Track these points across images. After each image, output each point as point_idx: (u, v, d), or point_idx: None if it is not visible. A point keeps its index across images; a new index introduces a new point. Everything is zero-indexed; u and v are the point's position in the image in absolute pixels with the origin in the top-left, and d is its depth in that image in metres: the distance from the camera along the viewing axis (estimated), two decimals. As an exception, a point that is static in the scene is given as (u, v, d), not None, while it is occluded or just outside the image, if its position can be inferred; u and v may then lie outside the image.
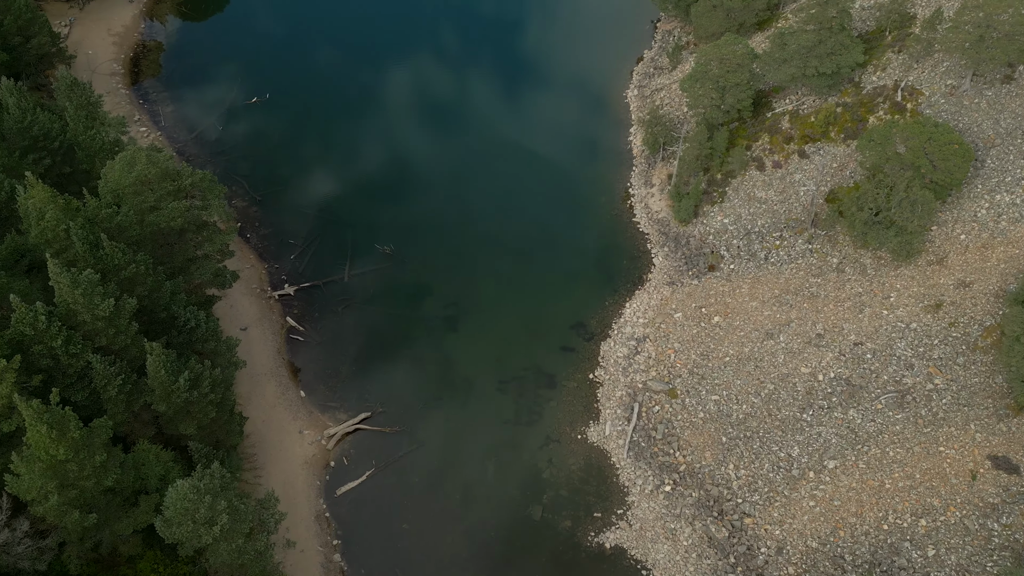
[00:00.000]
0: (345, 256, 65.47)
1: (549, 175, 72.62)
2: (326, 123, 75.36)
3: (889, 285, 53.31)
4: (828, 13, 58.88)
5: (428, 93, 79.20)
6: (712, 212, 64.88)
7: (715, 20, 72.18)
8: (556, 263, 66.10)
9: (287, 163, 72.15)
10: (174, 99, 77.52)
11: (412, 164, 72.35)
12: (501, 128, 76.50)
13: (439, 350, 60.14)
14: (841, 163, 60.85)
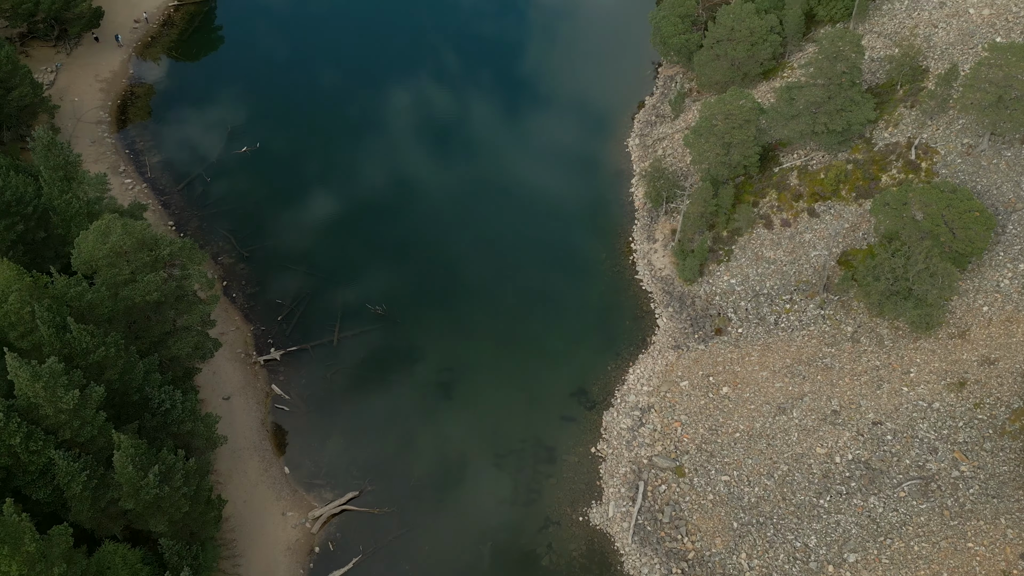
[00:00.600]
0: (335, 317, 62.60)
1: (548, 227, 69.99)
2: (317, 174, 72.88)
3: (908, 359, 50.39)
4: (837, 68, 56.60)
5: (420, 142, 76.82)
6: (718, 271, 62.16)
7: (718, 70, 70.03)
8: (556, 323, 63.19)
9: (276, 217, 69.54)
10: (161, 148, 75.13)
11: (406, 218, 69.68)
12: (497, 177, 74.04)
13: (432, 420, 57.01)
14: (853, 223, 58.23)
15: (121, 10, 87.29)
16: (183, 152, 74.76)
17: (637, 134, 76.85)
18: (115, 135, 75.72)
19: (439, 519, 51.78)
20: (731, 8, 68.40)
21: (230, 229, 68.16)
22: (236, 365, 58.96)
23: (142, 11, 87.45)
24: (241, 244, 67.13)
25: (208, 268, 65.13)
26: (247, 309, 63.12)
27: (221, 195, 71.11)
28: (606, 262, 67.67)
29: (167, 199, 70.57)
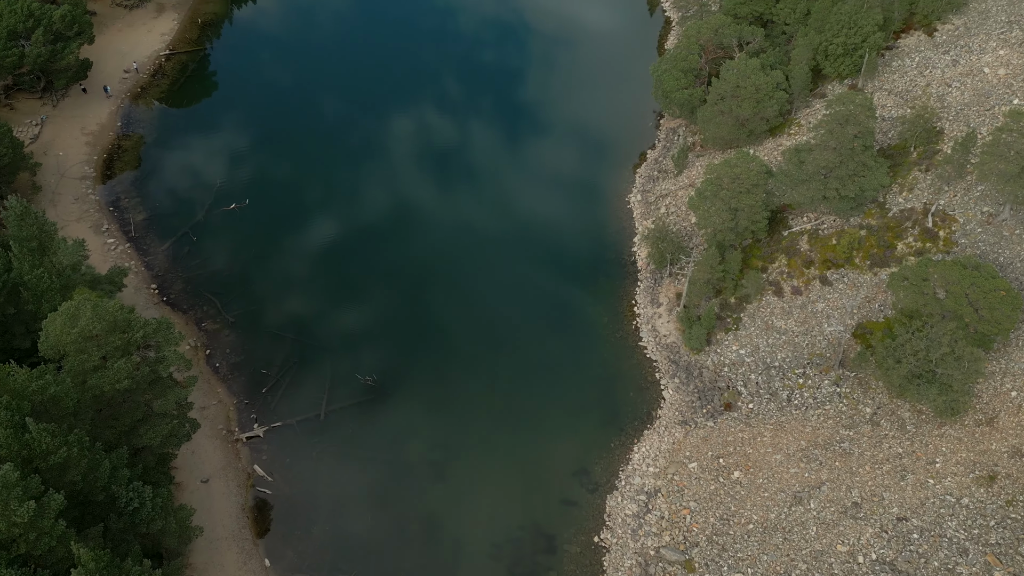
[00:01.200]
0: (322, 388, 59.44)
1: (547, 287, 67.13)
2: (307, 234, 70.12)
3: (933, 447, 47.13)
4: (848, 132, 54.18)
5: (415, 199, 74.11)
6: (726, 341, 59.12)
7: (723, 127, 67.77)
8: (555, 394, 59.93)
9: (264, 278, 66.67)
10: (147, 204, 72.54)
11: (399, 279, 66.81)
12: (493, 233, 71.33)
13: (425, 505, 53.48)
14: (868, 294, 55.34)
15: (111, 60, 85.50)
16: (170, 209, 72.16)
17: (639, 189, 74.36)
18: (100, 191, 73.18)
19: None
20: (735, 64, 66.36)
21: (215, 292, 65.26)
22: (217, 443, 55.60)
23: (132, 61, 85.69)
24: (226, 308, 64.18)
25: (191, 335, 62.36)
26: (230, 380, 59.89)
27: (207, 255, 68.30)
28: (608, 326, 64.65)
29: (151, 259, 67.77)
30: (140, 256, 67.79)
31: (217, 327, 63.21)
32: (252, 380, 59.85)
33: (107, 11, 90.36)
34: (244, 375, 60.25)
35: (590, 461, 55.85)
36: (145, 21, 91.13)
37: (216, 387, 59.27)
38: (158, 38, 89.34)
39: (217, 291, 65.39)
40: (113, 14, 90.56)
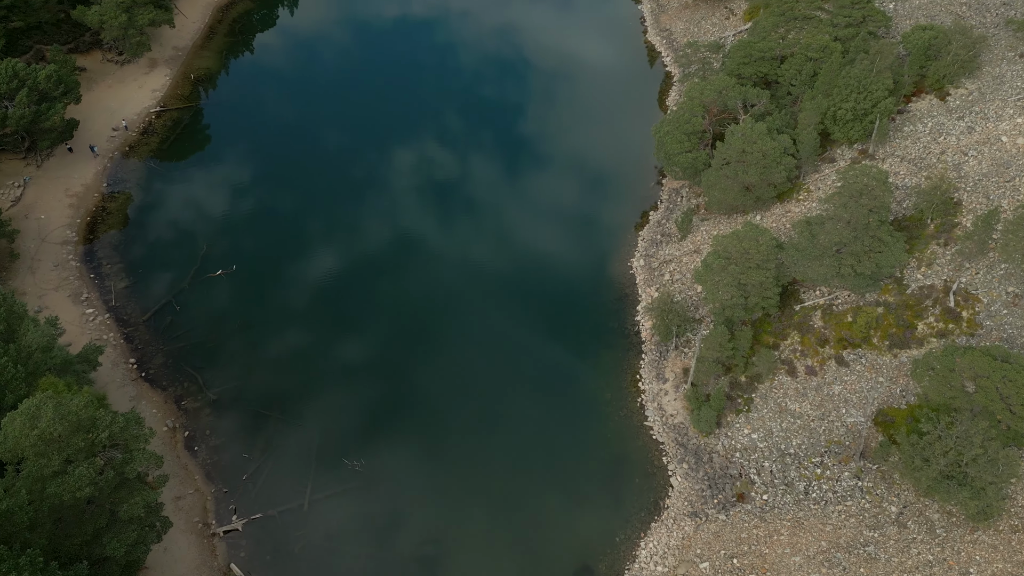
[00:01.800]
0: (307, 474, 55.78)
1: (546, 358, 63.83)
2: (294, 303, 67.08)
3: (966, 555, 43.38)
4: (862, 207, 51.46)
5: (406, 265, 71.16)
6: (737, 423, 55.65)
7: (729, 192, 65.24)
8: (556, 480, 56.16)
9: (248, 351, 63.38)
10: (130, 271, 69.63)
11: (390, 355, 63.45)
12: (489, 302, 68.26)
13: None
14: (889, 377, 52.05)
15: (99, 117, 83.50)
16: (153, 276, 69.23)
17: (642, 254, 71.53)
18: (81, 256, 70.36)
19: None
20: (740, 128, 64.05)
21: (197, 367, 61.97)
22: (192, 539, 51.74)
23: (121, 119, 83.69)
24: (208, 384, 60.82)
25: (169, 415, 58.93)
26: (209, 466, 56.22)
27: (191, 326, 65.15)
28: (611, 403, 61.18)
29: (131, 331, 64.61)
30: (119, 328, 64.66)
31: (197, 405, 59.75)
32: (232, 465, 56.21)
33: (97, 67, 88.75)
34: (224, 460, 56.62)
35: (594, 557, 51.94)
36: (136, 77, 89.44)
37: (193, 474, 55.58)
38: (149, 94, 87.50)
39: (199, 365, 62.12)
40: (104, 70, 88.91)
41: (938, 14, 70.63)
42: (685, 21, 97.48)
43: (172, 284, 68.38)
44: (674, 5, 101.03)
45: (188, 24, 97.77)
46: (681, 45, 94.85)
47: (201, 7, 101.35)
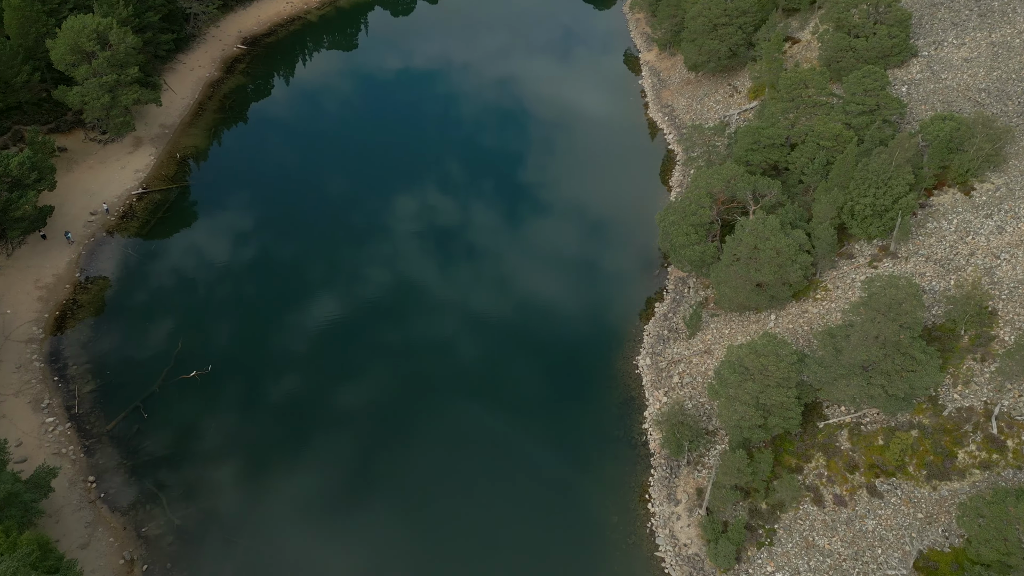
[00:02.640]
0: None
1: (546, 471, 58.34)
2: (267, 408, 61.96)
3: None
4: (892, 323, 46.77)
5: (396, 354, 66.56)
6: (759, 559, 49.87)
7: (740, 291, 60.80)
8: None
9: (220, 466, 57.88)
10: (98, 371, 64.65)
11: (367, 474, 58.01)
12: (485, 406, 63.20)
13: None
14: (928, 513, 46.56)
15: (78, 200, 79.89)
16: (122, 377, 64.22)
17: (648, 351, 66.70)
18: (46, 355, 65.50)
19: None
20: (751, 222, 59.97)
21: (162, 485, 56.46)
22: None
23: (102, 201, 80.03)
24: (172, 506, 55.21)
25: (127, 545, 53.15)
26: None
27: (158, 435, 59.84)
28: (618, 528, 55.41)
29: (92, 443, 59.23)
30: (80, 439, 59.33)
31: (160, 532, 53.99)
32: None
33: (79, 147, 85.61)
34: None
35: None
36: (120, 156, 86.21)
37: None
38: (131, 175, 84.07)
39: (164, 483, 56.61)
40: (85, 150, 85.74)
41: (955, 100, 67.47)
42: (687, 97, 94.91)
43: (142, 386, 63.31)
44: (675, 80, 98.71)
45: (177, 100, 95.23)
46: (683, 122, 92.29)
47: (191, 82, 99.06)
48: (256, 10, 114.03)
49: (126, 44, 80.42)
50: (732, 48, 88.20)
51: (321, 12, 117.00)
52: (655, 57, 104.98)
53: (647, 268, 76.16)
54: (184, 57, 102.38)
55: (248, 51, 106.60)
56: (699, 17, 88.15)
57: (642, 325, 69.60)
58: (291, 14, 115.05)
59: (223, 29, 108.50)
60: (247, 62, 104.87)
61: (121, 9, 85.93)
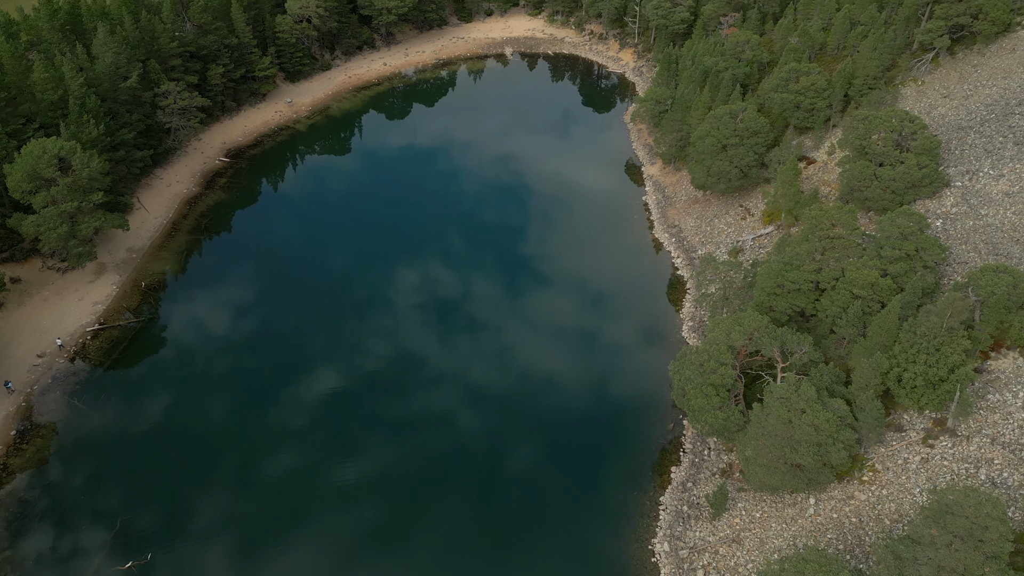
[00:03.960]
0: None
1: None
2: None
3: None
4: (975, 556, 37.71)
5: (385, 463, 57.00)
6: None
7: (774, 473, 51.94)
8: None
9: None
10: (17, 561, 54.86)
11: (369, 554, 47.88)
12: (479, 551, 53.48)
13: None
14: None
15: (26, 340, 72.11)
16: (45, 571, 54.45)
17: (666, 533, 57.05)
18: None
19: None
20: (782, 389, 51.62)
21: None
22: None
23: (55, 337, 72.19)
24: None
25: None
26: None
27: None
28: None
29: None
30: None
31: None
32: None
33: (35, 276, 78.53)
34: None
35: None
36: (79, 286, 78.98)
37: None
38: (89, 309, 76.56)
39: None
40: (41, 280, 78.60)
41: (1002, 243, 60.52)
42: (695, 218, 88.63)
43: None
44: (682, 198, 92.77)
45: (149, 221, 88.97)
46: (692, 244, 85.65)
47: (167, 200, 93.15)
48: (243, 120, 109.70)
49: (91, 169, 74.46)
50: (743, 169, 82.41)
51: (311, 121, 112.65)
52: (659, 171, 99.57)
53: (659, 418, 67.39)
54: (162, 171, 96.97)
55: (231, 164, 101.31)
56: (707, 137, 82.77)
57: (657, 496, 60.22)
58: (279, 123, 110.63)
59: (206, 141, 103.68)
60: (229, 176, 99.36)
61: (91, 129, 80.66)
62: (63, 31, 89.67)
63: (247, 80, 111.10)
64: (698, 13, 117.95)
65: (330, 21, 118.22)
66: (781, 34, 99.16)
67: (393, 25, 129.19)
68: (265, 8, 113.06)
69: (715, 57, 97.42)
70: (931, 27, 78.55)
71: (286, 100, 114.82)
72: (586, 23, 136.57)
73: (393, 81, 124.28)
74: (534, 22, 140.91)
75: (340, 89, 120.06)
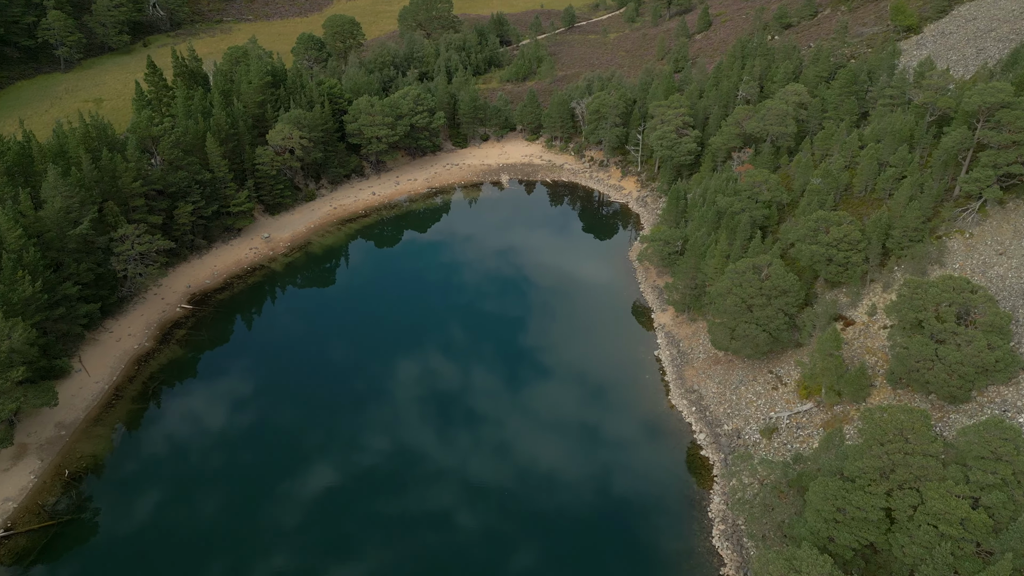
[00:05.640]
0: None
1: None
2: None
3: None
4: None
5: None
6: None
7: None
8: None
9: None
10: None
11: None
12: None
13: None
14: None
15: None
16: None
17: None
18: None
19: None
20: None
21: None
22: None
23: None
24: None
25: None
26: None
27: None
28: None
29: None
30: None
31: None
32: None
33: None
34: None
35: None
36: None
37: None
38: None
39: None
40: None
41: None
42: (717, 383, 77.02)
43: None
44: (700, 356, 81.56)
45: (88, 386, 77.26)
46: (715, 416, 73.55)
47: (114, 358, 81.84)
48: (213, 258, 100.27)
49: (11, 340, 63.57)
50: (772, 333, 71.61)
51: (288, 259, 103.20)
52: (672, 320, 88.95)
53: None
54: (113, 323, 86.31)
55: (194, 312, 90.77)
56: (728, 295, 72.49)
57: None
58: (253, 262, 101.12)
59: (168, 285, 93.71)
60: (189, 326, 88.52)
61: (24, 287, 70.44)
62: (9, 174, 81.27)
63: (221, 215, 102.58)
64: (705, 144, 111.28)
65: (314, 152, 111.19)
66: (800, 171, 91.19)
67: (384, 153, 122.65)
68: (244, 140, 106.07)
69: (729, 197, 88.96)
70: (979, 176, 69.81)
71: (263, 235, 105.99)
72: (586, 149, 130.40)
73: (381, 212, 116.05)
74: (532, 147, 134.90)
75: (324, 222, 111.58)
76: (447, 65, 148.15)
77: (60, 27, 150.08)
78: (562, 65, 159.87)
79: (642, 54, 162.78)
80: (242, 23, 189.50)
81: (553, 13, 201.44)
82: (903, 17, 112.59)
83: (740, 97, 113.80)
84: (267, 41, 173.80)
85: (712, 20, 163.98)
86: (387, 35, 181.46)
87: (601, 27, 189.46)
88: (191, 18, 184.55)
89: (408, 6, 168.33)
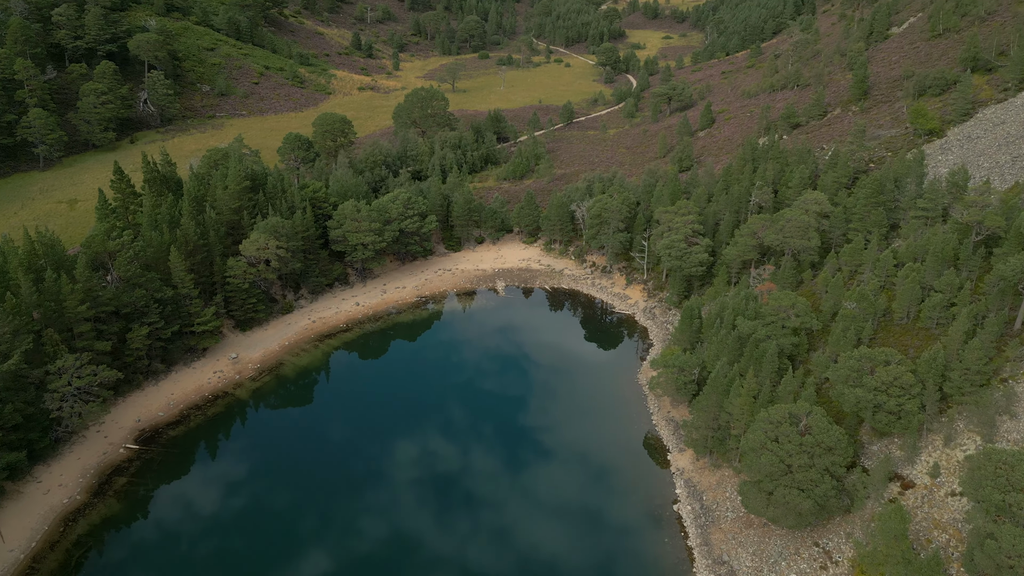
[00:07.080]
0: None
1: None
2: None
3: None
4: None
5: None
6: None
7: None
8: None
9: None
10: None
11: None
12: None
13: None
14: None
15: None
16: None
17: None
18: None
19: None
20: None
21: None
22: None
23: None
24: None
25: None
26: None
27: None
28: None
29: None
30: None
31: None
32: None
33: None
34: None
35: None
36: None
37: None
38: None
39: None
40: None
41: None
42: (751, 553, 64.35)
43: None
44: (728, 515, 69.16)
45: (0, 555, 64.70)
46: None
47: (37, 516, 69.38)
48: (171, 385, 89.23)
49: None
50: (819, 501, 59.71)
51: (256, 384, 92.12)
52: (691, 464, 76.97)
53: None
54: (43, 470, 74.34)
55: (139, 453, 78.90)
56: (762, 451, 61.05)
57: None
58: (216, 389, 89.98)
59: (114, 419, 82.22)
60: (132, 472, 76.39)
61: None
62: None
63: (183, 335, 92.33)
64: (717, 254, 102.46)
65: (292, 262, 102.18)
66: (830, 291, 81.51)
67: (370, 260, 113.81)
68: (216, 251, 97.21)
69: (752, 320, 78.94)
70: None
71: (231, 355, 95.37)
72: (587, 253, 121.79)
73: (364, 325, 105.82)
74: (529, 251, 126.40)
75: (300, 338, 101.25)
76: (442, 164, 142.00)
77: (41, 125, 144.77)
78: (561, 163, 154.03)
79: (643, 151, 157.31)
80: (235, 118, 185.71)
81: (551, 109, 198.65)
82: (924, 120, 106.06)
83: (753, 203, 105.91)
84: (259, 137, 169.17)
85: (715, 117, 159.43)
86: (381, 132, 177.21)
87: (600, 123, 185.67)
88: (182, 114, 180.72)
89: (403, 104, 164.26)
